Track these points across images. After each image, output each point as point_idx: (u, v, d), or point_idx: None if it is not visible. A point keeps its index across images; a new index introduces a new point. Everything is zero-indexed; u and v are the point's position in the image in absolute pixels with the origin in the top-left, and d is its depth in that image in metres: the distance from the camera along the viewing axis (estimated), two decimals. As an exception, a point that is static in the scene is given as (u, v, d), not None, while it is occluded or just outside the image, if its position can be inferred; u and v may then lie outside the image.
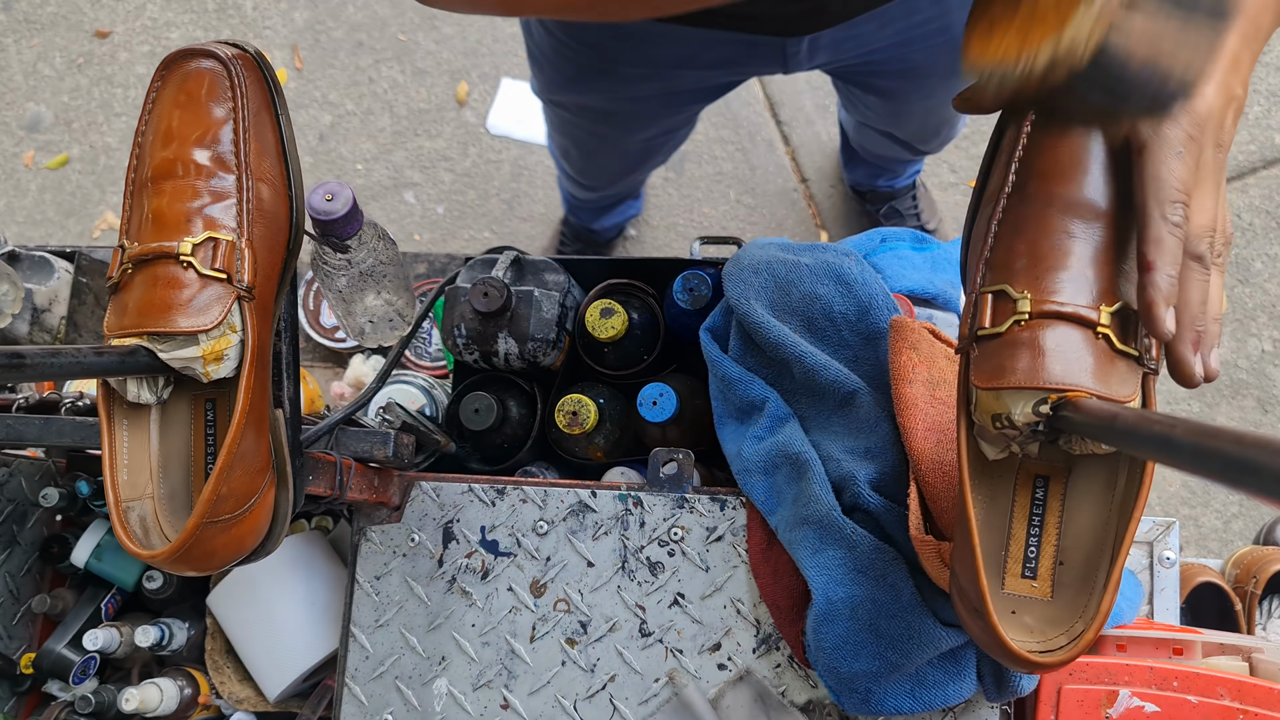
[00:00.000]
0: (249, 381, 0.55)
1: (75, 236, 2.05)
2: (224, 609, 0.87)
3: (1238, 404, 1.72)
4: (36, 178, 2.10)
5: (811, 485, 0.69)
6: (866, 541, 0.67)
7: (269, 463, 0.59)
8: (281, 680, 0.84)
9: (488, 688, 0.75)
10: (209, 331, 0.54)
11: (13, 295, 0.99)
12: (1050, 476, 0.54)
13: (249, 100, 0.59)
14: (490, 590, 0.76)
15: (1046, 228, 0.49)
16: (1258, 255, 1.79)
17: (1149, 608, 0.87)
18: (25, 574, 0.94)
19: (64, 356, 0.48)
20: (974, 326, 0.50)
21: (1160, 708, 0.68)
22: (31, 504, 0.93)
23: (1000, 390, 0.48)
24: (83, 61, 2.16)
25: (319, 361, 1.20)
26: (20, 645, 0.93)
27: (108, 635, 0.87)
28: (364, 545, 0.79)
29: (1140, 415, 0.37)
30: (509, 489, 0.78)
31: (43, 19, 2.20)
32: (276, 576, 0.85)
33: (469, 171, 1.98)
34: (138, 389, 0.55)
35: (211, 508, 0.53)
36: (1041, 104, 0.49)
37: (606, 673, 0.74)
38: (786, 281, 0.75)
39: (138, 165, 0.58)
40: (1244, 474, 0.28)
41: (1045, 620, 0.53)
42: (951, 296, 0.82)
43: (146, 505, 0.57)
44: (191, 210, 0.56)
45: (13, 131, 2.13)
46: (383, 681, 0.76)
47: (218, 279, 0.55)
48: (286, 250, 0.61)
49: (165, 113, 0.58)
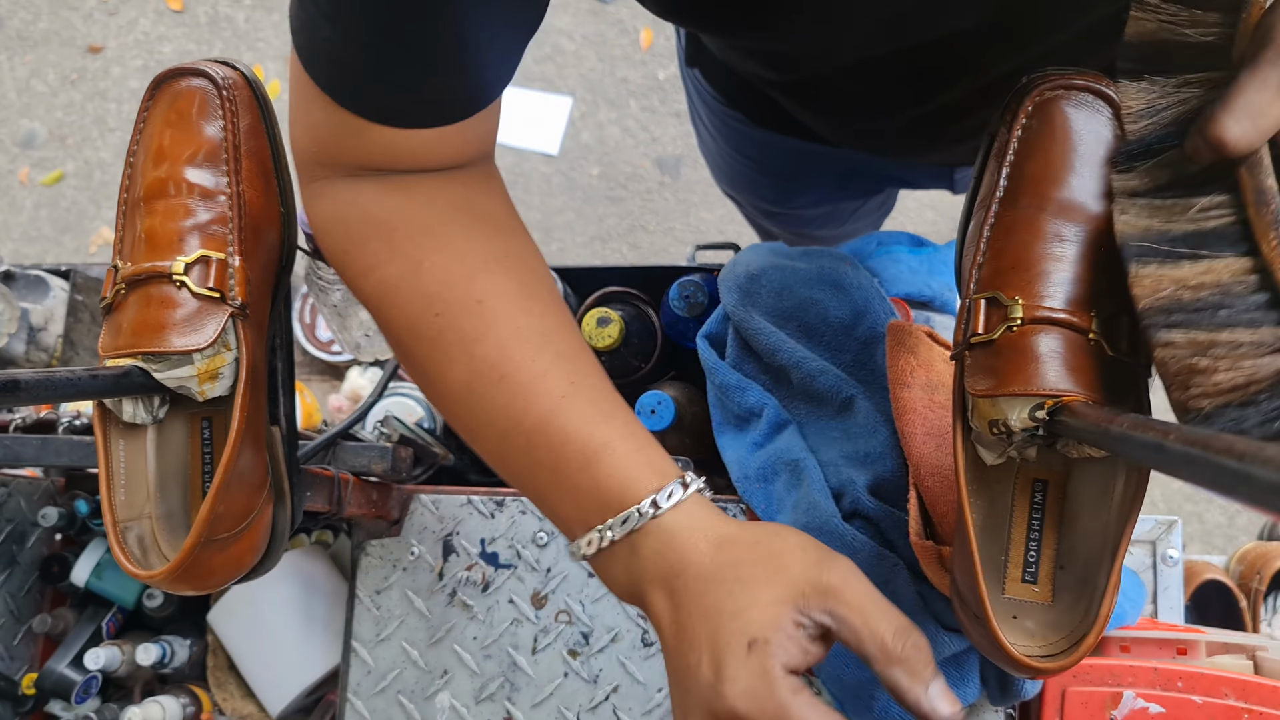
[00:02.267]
0: (244, 399, 0.55)
1: (71, 252, 2.06)
2: (225, 625, 0.87)
3: (1238, 398, 1.72)
4: (32, 194, 2.10)
5: (811, 491, 0.69)
6: (867, 547, 0.66)
7: (266, 480, 0.59)
8: (284, 696, 0.84)
9: (490, 700, 0.75)
10: (203, 350, 0.54)
11: (8, 315, 0.99)
12: (1049, 481, 0.54)
13: (240, 118, 0.59)
14: (491, 602, 0.76)
15: (1038, 232, 0.49)
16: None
17: (1153, 607, 0.87)
18: (25, 594, 0.94)
19: (58, 379, 0.48)
20: (967, 333, 0.50)
21: (1165, 709, 0.68)
22: (30, 524, 0.93)
23: (996, 396, 0.48)
24: (76, 77, 2.17)
25: (316, 375, 1.19)
26: (22, 666, 0.93)
27: (109, 654, 0.87)
28: (364, 559, 0.79)
29: (1134, 421, 0.37)
30: (508, 500, 0.78)
31: (35, 35, 2.20)
32: (277, 592, 0.85)
33: (464, 180, 1.98)
34: (133, 409, 0.55)
35: (209, 527, 0.53)
36: None
37: (609, 684, 0.74)
38: (783, 287, 0.75)
39: (130, 185, 0.58)
40: (1237, 482, 0.28)
41: (1047, 625, 0.53)
42: (949, 299, 0.82)
43: (144, 525, 0.56)
44: (184, 229, 0.56)
45: (7, 148, 2.13)
46: (385, 696, 0.76)
47: (211, 298, 0.55)
48: (280, 267, 0.61)
49: (156, 132, 0.58)
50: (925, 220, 1.90)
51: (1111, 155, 0.48)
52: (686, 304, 0.84)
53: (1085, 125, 0.49)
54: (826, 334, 0.75)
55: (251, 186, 0.59)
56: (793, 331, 0.75)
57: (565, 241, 1.91)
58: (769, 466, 0.73)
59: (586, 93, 2.04)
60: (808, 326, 0.75)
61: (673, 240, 1.93)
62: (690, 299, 0.84)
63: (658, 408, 0.81)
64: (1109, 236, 0.48)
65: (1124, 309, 0.47)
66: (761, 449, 0.74)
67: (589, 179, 1.96)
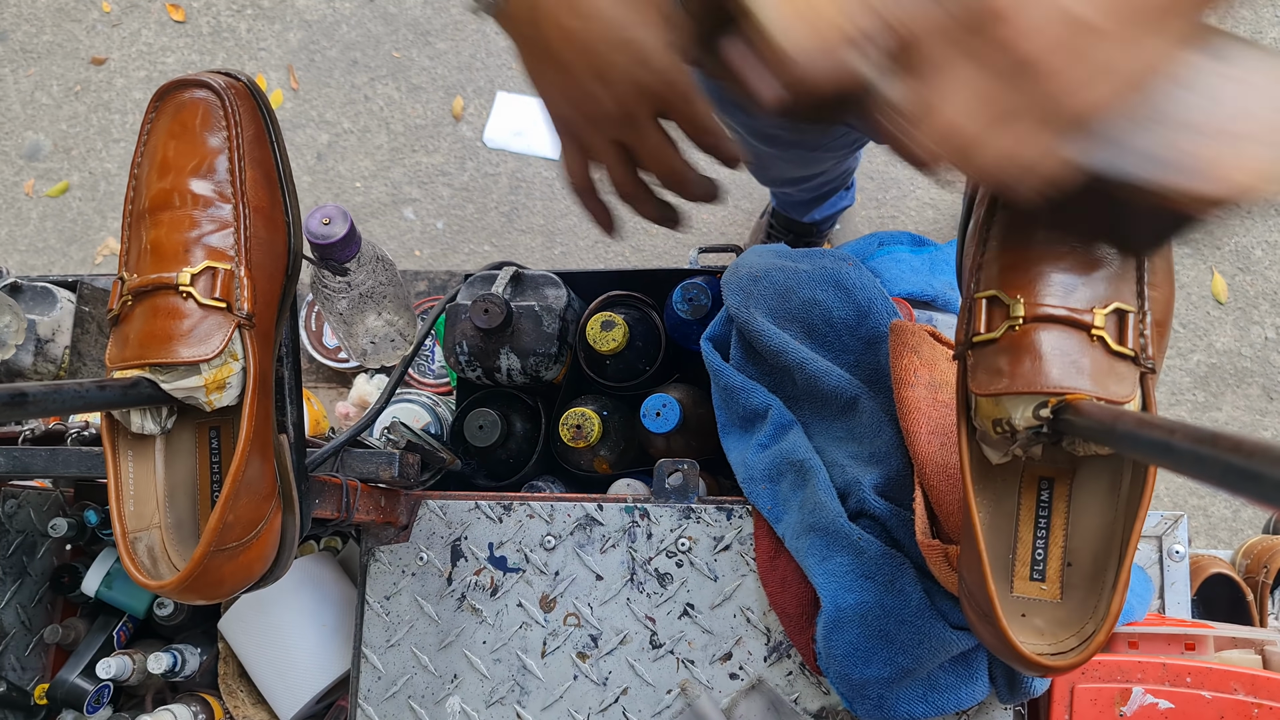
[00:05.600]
0: (252, 409, 0.56)
1: (77, 264, 2.06)
2: (236, 633, 0.87)
3: (1243, 392, 1.72)
4: (37, 206, 2.11)
5: (817, 492, 0.69)
6: (874, 547, 0.67)
7: (274, 488, 0.59)
8: (295, 703, 0.84)
9: (500, 704, 0.75)
10: (210, 361, 0.54)
11: (15, 326, 0.99)
12: (1055, 478, 0.54)
13: (243, 128, 0.59)
14: (500, 606, 0.76)
15: (1037, 231, 0.49)
16: (1258, 243, 1.78)
17: (1160, 602, 0.87)
18: (37, 604, 0.94)
19: (66, 391, 0.48)
20: (969, 332, 0.50)
21: (1174, 704, 0.68)
22: (41, 534, 0.94)
23: (999, 396, 0.48)
24: (80, 89, 2.17)
25: (323, 382, 1.20)
26: (34, 676, 0.93)
27: (120, 663, 0.87)
28: (373, 565, 0.79)
29: (1140, 419, 0.37)
30: (515, 505, 0.78)
31: (39, 48, 2.21)
32: (287, 599, 0.85)
33: (467, 186, 1.99)
34: (141, 420, 0.56)
35: (218, 536, 0.53)
36: None
37: (619, 686, 0.74)
38: (785, 288, 0.75)
39: (134, 197, 0.59)
40: (1244, 480, 0.28)
41: (1055, 622, 0.53)
42: (951, 298, 0.82)
43: (154, 535, 0.57)
44: (189, 240, 0.57)
45: (12, 160, 2.14)
46: (396, 701, 0.77)
47: (218, 308, 0.55)
48: (285, 276, 0.62)
49: (160, 143, 0.59)
50: (926, 219, 1.90)
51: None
52: (690, 306, 0.84)
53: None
54: (830, 334, 0.75)
55: (256, 196, 0.59)
56: (796, 332, 0.75)
57: (568, 245, 1.92)
58: (775, 467, 0.73)
59: (587, 96, 2.05)
60: (811, 327, 0.75)
61: (675, 243, 1.93)
62: (694, 301, 0.84)
63: (663, 410, 0.81)
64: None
65: (1126, 306, 0.47)
66: (767, 450, 0.74)
67: (591, 182, 1.96)
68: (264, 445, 0.58)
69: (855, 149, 1.21)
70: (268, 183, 0.60)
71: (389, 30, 2.11)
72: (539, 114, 1.51)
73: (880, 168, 1.88)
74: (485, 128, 2.03)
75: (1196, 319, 1.74)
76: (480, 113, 2.04)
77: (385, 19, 2.12)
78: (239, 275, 0.57)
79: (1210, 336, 1.74)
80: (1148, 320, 0.49)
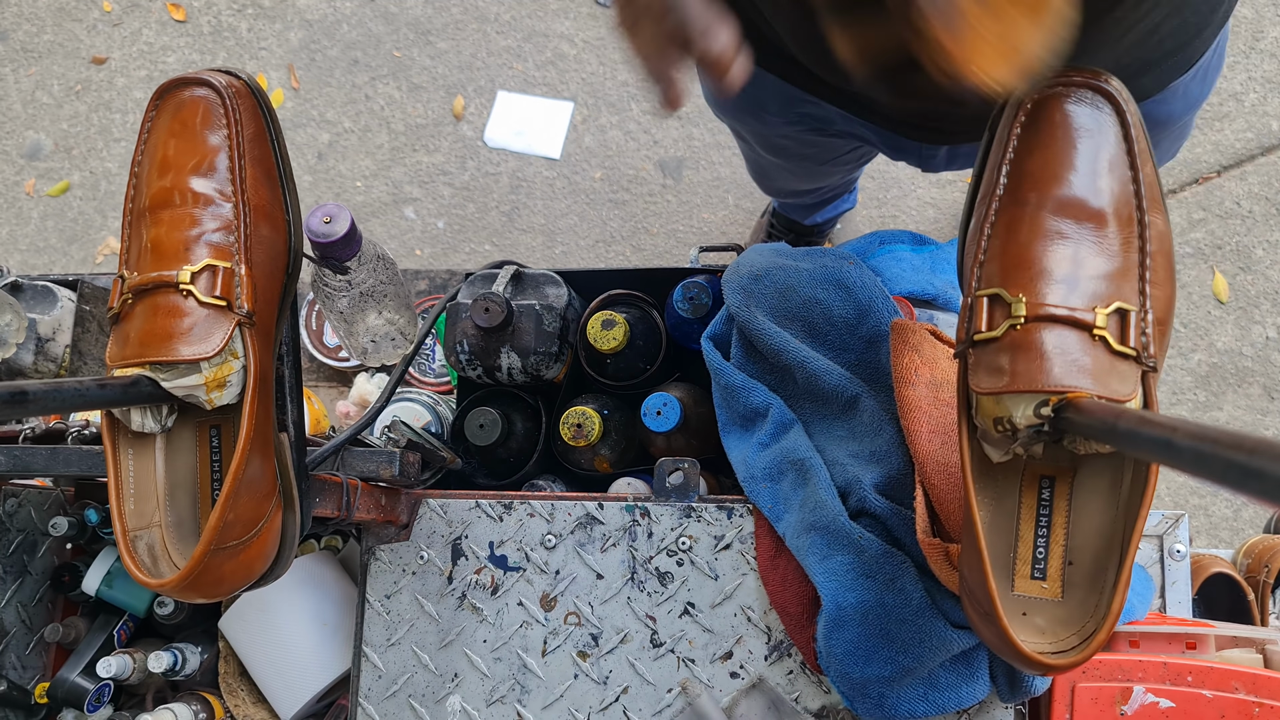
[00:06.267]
0: (252, 407, 0.56)
1: (78, 263, 2.06)
2: (236, 632, 0.87)
3: (1244, 392, 1.71)
4: (38, 205, 2.11)
5: (817, 491, 0.69)
6: (874, 546, 0.66)
7: (275, 487, 0.59)
8: (295, 701, 0.84)
9: (501, 703, 0.75)
10: (211, 359, 0.54)
11: (16, 325, 0.99)
12: (1056, 477, 0.54)
13: (244, 127, 0.59)
14: (500, 605, 0.76)
15: (1039, 230, 0.49)
16: (1258, 243, 1.78)
17: (1161, 601, 0.87)
18: (37, 603, 0.94)
19: (67, 390, 0.48)
20: (970, 331, 0.50)
21: (1175, 703, 0.68)
22: (41, 533, 0.94)
23: (1001, 394, 0.48)
24: (80, 88, 2.17)
25: (323, 381, 1.20)
26: (34, 675, 0.93)
27: (121, 662, 0.87)
28: (373, 564, 0.79)
29: (1141, 417, 0.37)
30: (516, 503, 0.78)
31: (40, 47, 2.21)
32: (287, 598, 0.85)
33: (468, 185, 1.99)
34: (142, 418, 0.56)
35: (219, 534, 0.53)
36: None
37: (619, 685, 0.74)
38: (786, 287, 0.75)
39: (135, 195, 0.59)
40: (1245, 478, 0.28)
41: (1056, 621, 0.53)
42: (952, 297, 0.82)
43: (154, 534, 0.57)
44: (190, 239, 0.56)
45: (13, 160, 2.14)
46: (396, 700, 0.76)
47: (218, 306, 0.55)
48: (286, 274, 0.62)
49: (161, 142, 0.59)
50: (927, 218, 1.90)
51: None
52: (691, 305, 0.84)
53: (1085, 122, 0.50)
54: (830, 333, 0.75)
55: (257, 195, 0.59)
56: (797, 331, 0.75)
57: (569, 245, 1.92)
58: (775, 466, 0.73)
59: (588, 97, 2.04)
60: (812, 326, 0.75)
61: (676, 242, 1.93)
62: (694, 300, 0.84)
63: (664, 409, 0.81)
64: (1110, 231, 0.48)
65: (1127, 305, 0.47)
66: (768, 448, 0.74)
67: (591, 183, 1.96)
68: (264, 444, 0.58)
69: (861, 164, 1.21)
70: (268, 181, 0.60)
71: (390, 30, 2.11)
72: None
73: (881, 168, 1.88)
74: (486, 127, 2.03)
75: (1197, 318, 1.74)
76: (481, 112, 2.04)
77: (386, 18, 2.12)
78: (239, 273, 0.57)
79: (1211, 336, 1.73)
80: (1149, 319, 0.49)
